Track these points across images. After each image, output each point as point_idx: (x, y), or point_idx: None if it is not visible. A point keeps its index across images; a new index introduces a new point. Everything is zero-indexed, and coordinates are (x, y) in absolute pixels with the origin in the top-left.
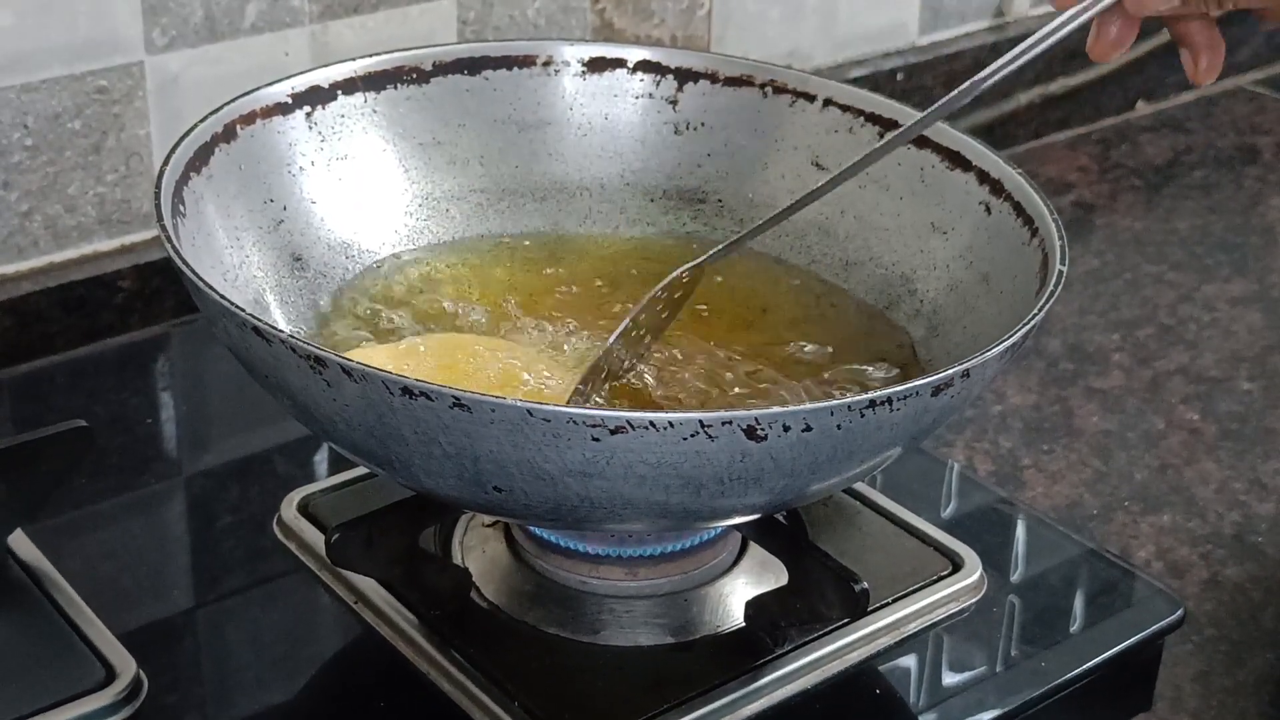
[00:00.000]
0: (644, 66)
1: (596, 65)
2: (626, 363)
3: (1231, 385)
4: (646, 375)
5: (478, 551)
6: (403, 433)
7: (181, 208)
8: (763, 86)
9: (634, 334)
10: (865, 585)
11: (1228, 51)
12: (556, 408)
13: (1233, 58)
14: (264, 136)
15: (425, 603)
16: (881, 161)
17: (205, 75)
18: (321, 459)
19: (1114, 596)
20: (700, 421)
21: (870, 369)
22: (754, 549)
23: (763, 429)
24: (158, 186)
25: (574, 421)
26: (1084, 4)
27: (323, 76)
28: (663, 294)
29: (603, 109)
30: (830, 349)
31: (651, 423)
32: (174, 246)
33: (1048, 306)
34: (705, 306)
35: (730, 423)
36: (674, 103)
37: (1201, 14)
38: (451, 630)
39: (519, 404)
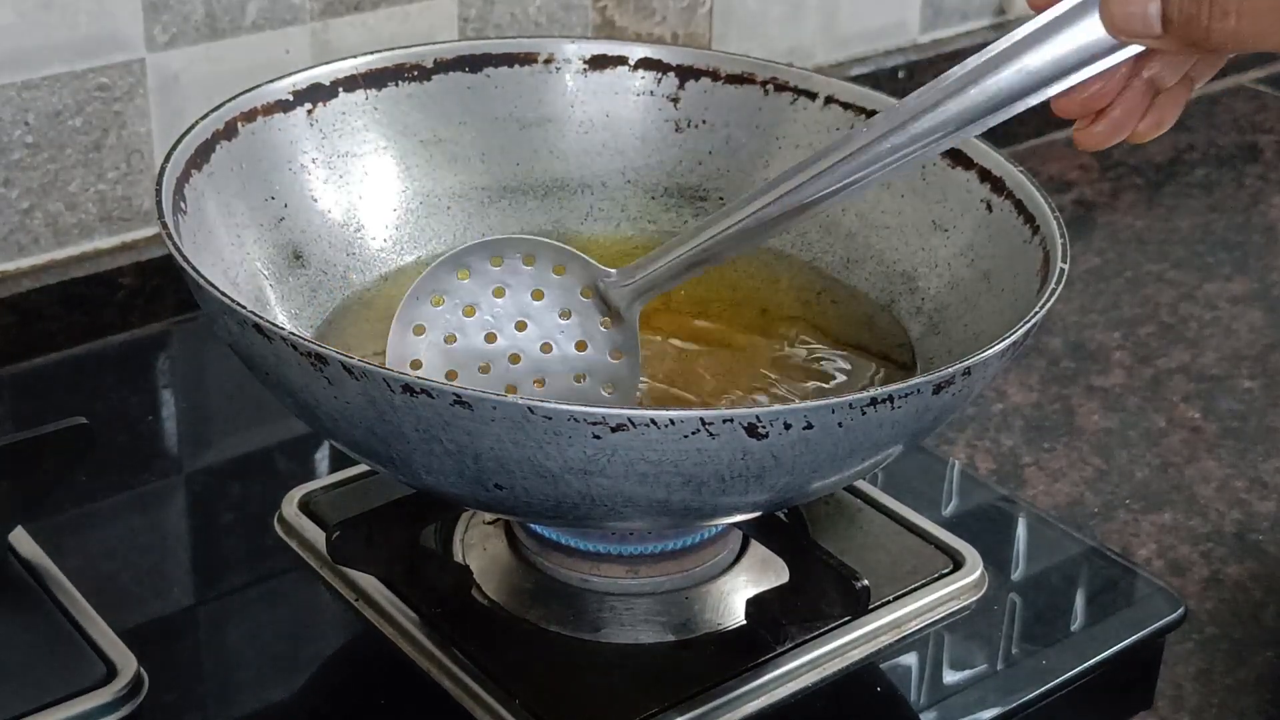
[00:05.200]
0: (645, 64)
1: (598, 63)
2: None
3: (1232, 384)
4: (647, 372)
5: (478, 549)
6: (404, 430)
7: (182, 205)
8: (764, 84)
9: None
10: (866, 583)
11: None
12: (558, 405)
13: (1234, 56)
14: (265, 134)
15: (426, 600)
16: None
17: (206, 73)
18: (322, 456)
19: (1115, 595)
20: (701, 419)
21: (871, 366)
22: (755, 547)
23: (764, 426)
24: (159, 184)
25: (575, 419)
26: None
27: (324, 74)
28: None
29: (604, 106)
30: (831, 346)
31: (653, 420)
32: (175, 244)
33: (1049, 304)
34: (705, 304)
35: (731, 420)
36: (675, 100)
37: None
38: (452, 628)
39: (520, 401)
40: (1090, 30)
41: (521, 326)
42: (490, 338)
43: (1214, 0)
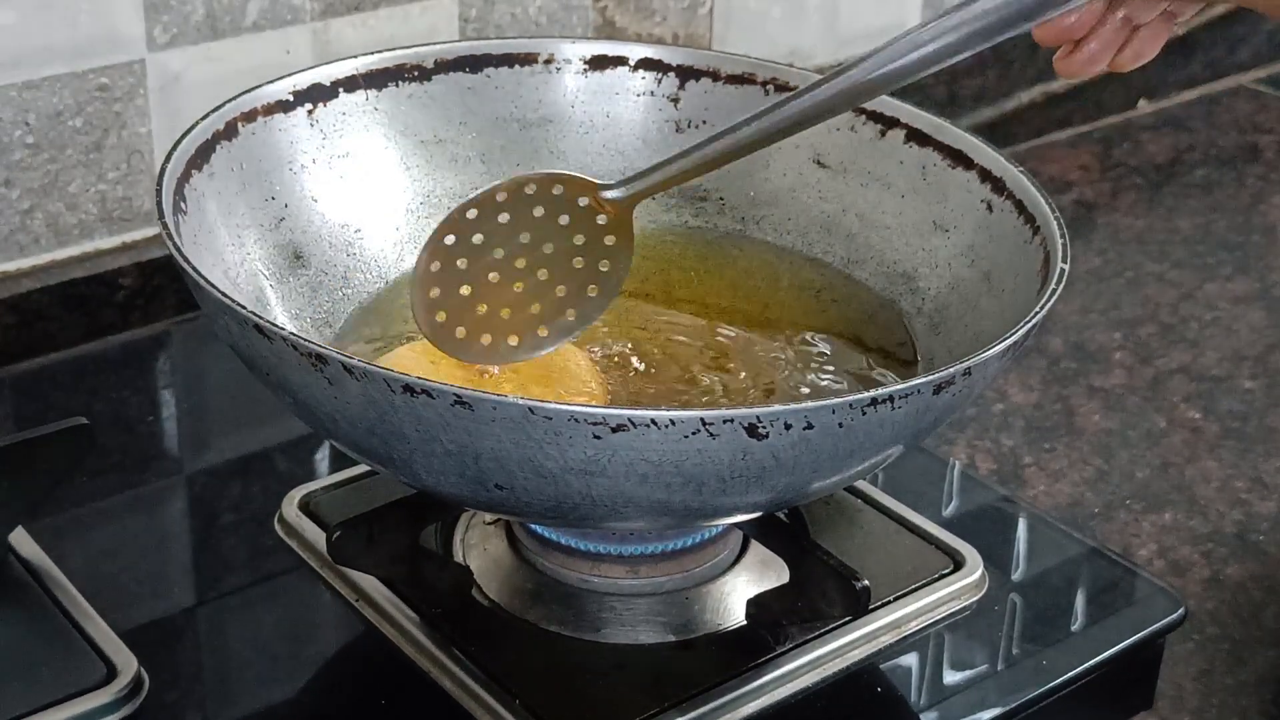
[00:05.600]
0: (646, 64)
1: (598, 63)
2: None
3: (1233, 384)
4: (646, 371)
5: (479, 549)
6: (404, 430)
7: (183, 205)
8: (764, 84)
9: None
10: (866, 583)
11: (1229, 50)
12: (558, 405)
13: (1234, 56)
14: (265, 134)
15: (426, 601)
16: (884, 160)
17: (207, 73)
18: (323, 457)
19: (1115, 595)
20: (702, 419)
21: (871, 367)
22: (755, 547)
23: (764, 427)
24: (159, 184)
25: (575, 419)
26: None
27: (324, 74)
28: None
29: (604, 107)
30: (831, 346)
31: (653, 420)
32: (175, 244)
33: (1049, 305)
34: (706, 304)
35: (732, 420)
36: (675, 100)
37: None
38: (453, 628)
39: (520, 401)
40: None
41: (525, 234)
42: (496, 249)
43: None
